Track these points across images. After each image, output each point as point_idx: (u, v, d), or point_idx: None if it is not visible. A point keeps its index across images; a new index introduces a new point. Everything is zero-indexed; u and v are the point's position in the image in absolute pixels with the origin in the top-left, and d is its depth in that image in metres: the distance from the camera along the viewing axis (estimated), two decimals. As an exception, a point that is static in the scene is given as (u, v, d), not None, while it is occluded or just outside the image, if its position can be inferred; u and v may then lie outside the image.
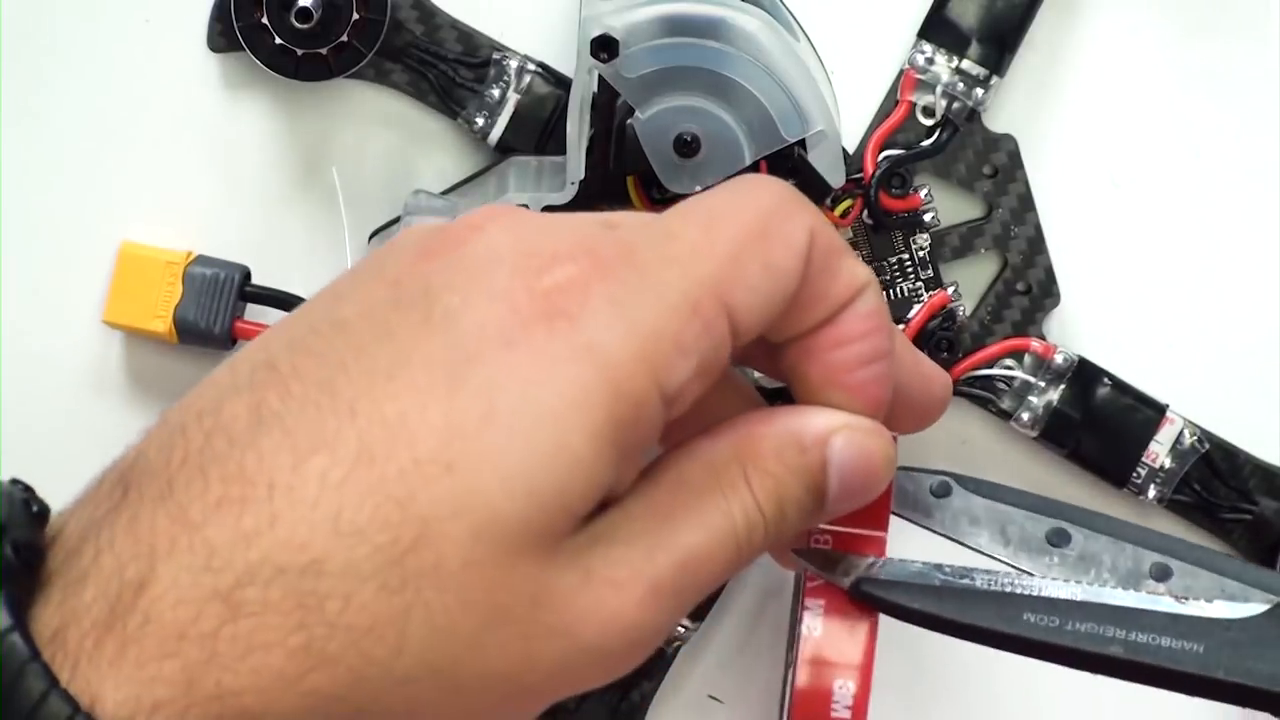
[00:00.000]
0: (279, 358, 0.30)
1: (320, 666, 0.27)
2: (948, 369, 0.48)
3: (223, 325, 0.47)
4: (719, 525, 0.31)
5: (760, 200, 0.32)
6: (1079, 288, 0.49)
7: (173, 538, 0.28)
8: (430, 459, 0.28)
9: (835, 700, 0.34)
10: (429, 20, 0.47)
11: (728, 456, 0.32)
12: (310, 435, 0.28)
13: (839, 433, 0.32)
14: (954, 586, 0.34)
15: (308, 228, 0.48)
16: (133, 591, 0.28)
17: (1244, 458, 0.49)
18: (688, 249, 0.31)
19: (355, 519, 0.28)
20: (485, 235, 0.30)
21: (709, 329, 0.30)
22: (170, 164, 0.48)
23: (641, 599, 0.30)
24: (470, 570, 0.28)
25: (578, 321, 0.29)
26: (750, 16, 0.43)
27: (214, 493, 0.28)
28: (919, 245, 0.48)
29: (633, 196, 0.47)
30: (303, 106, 0.48)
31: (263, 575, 0.27)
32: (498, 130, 0.47)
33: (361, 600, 0.27)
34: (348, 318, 0.30)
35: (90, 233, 0.48)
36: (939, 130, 0.47)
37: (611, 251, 0.30)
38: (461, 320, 0.29)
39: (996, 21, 0.47)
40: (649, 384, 0.29)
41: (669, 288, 0.30)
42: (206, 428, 0.29)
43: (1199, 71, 0.49)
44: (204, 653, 0.27)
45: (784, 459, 0.32)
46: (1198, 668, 0.32)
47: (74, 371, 0.49)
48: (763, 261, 0.31)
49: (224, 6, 0.46)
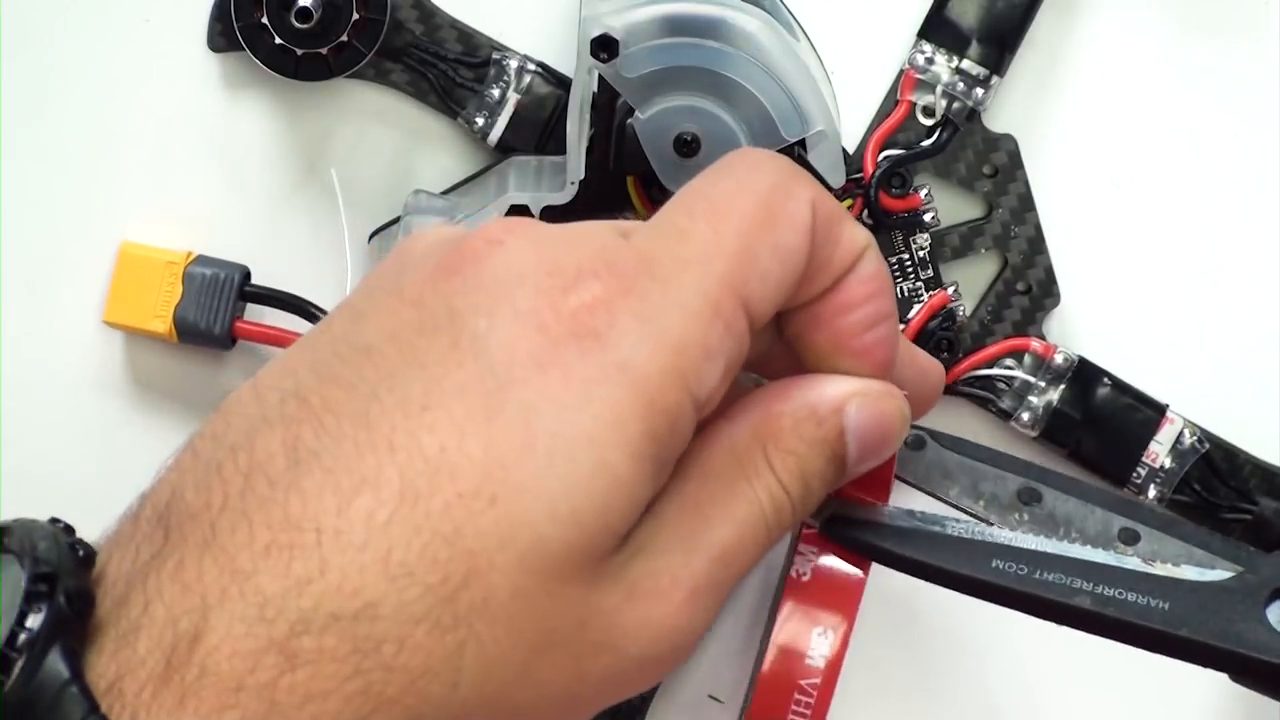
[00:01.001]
0: (308, 388, 0.29)
1: (379, 710, 0.28)
2: (948, 369, 0.48)
3: (223, 325, 0.47)
4: (748, 514, 0.31)
5: (760, 182, 0.32)
6: (1079, 288, 0.49)
7: (223, 587, 0.28)
8: (473, 492, 0.28)
9: (811, 650, 0.33)
10: (429, 20, 0.47)
11: (748, 440, 0.32)
12: (351, 474, 0.28)
13: (853, 399, 0.32)
14: (925, 531, 0.34)
15: (308, 228, 0.48)
16: (188, 643, 0.27)
17: (1244, 458, 0.49)
18: (700, 249, 0.31)
19: (405, 559, 0.28)
20: (505, 251, 0.30)
21: (731, 328, 0.30)
22: (170, 164, 0.48)
23: (682, 604, 0.30)
24: (519, 600, 0.28)
25: (607, 340, 0.29)
26: (750, 16, 0.43)
27: (260, 540, 0.28)
28: (919, 245, 0.48)
29: (633, 196, 0.47)
30: (303, 106, 0.48)
31: (317, 623, 0.27)
32: (498, 130, 0.47)
33: (416, 641, 0.28)
34: (373, 343, 0.30)
35: (90, 233, 0.48)
36: (939, 130, 0.47)
37: (631, 264, 0.30)
38: (490, 345, 0.29)
39: (996, 21, 0.47)
40: (682, 395, 0.30)
41: (690, 294, 0.30)
42: (244, 467, 0.29)
43: (1199, 71, 0.49)
44: (262, 703, 0.27)
45: (802, 434, 0.32)
46: (1163, 624, 0.32)
47: (74, 371, 0.49)
48: (772, 246, 0.31)
49: (224, 6, 0.46)
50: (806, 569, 0.34)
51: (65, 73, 0.48)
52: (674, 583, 0.30)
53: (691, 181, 0.32)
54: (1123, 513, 0.34)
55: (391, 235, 0.47)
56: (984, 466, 0.35)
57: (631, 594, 0.29)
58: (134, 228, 0.48)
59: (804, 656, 0.33)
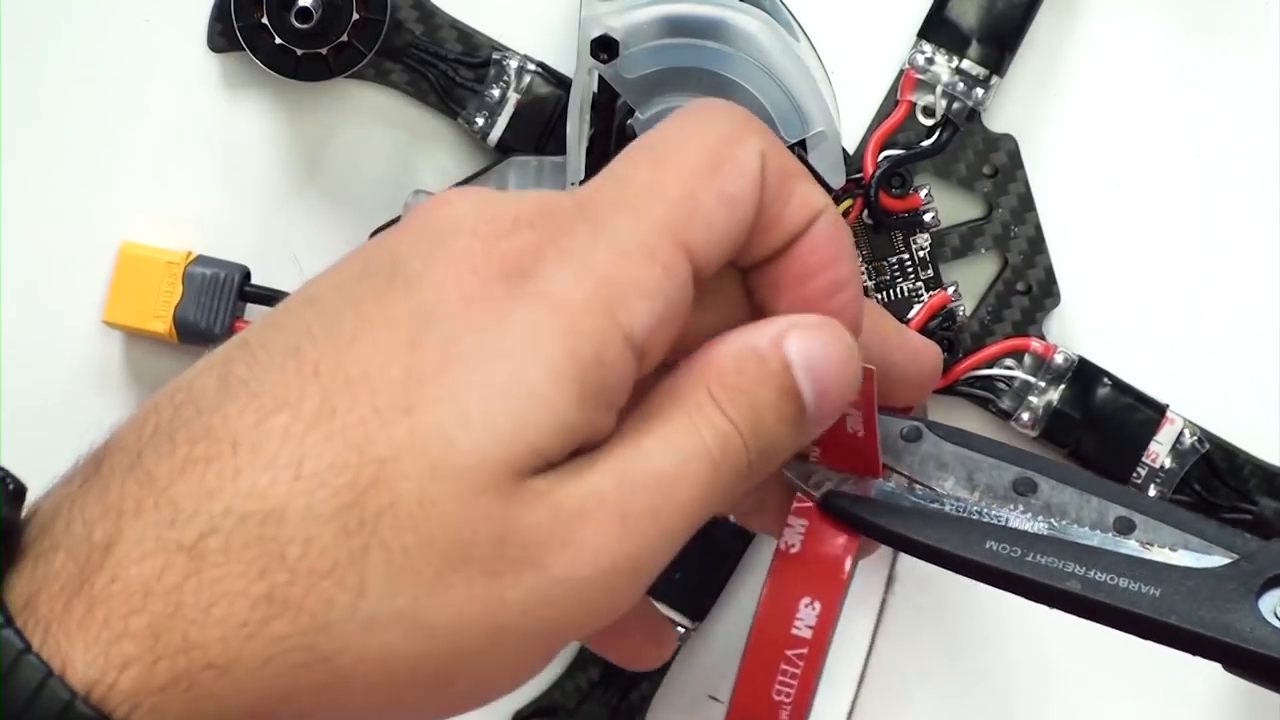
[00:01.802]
0: (250, 334, 0.30)
1: (283, 613, 0.28)
2: (948, 369, 0.48)
3: (223, 325, 0.47)
4: (687, 445, 0.31)
5: (708, 129, 0.32)
6: (1079, 288, 0.49)
7: (139, 500, 0.28)
8: (390, 405, 0.28)
9: (798, 618, 0.33)
10: (429, 20, 0.47)
11: (689, 380, 0.31)
12: (275, 397, 0.29)
13: (790, 333, 0.32)
14: (922, 509, 0.34)
15: (308, 228, 0.48)
16: (100, 552, 0.28)
17: (1244, 458, 0.49)
18: (638, 193, 0.31)
19: (315, 466, 0.28)
20: (451, 206, 0.31)
21: (669, 271, 0.30)
22: (170, 164, 0.48)
23: (610, 526, 0.29)
24: (428, 508, 0.28)
25: (531, 274, 0.29)
26: (750, 17, 0.43)
27: (180, 455, 0.28)
28: (919, 245, 0.48)
29: (633, 196, 0.47)
30: (303, 106, 0.48)
31: (225, 526, 0.28)
32: (498, 130, 0.47)
33: (321, 544, 0.28)
34: (316, 293, 0.31)
35: (90, 233, 0.48)
36: (939, 130, 0.47)
37: (567, 209, 0.30)
38: (423, 284, 0.29)
39: (996, 21, 0.47)
40: (607, 323, 0.29)
41: (623, 233, 0.30)
42: (177, 401, 0.30)
43: (1199, 71, 0.49)
44: (169, 606, 0.27)
45: (745, 371, 0.31)
46: (1151, 610, 0.32)
47: (74, 371, 0.49)
48: (717, 193, 0.31)
49: (224, 6, 0.46)
50: (795, 541, 0.34)
51: (65, 73, 0.48)
52: (601, 504, 0.29)
53: (650, 130, 0.32)
54: (1119, 501, 0.34)
55: (391, 235, 0.47)
56: (980, 457, 0.35)
57: (556, 513, 0.29)
58: (134, 228, 0.48)
59: (790, 627, 0.33)
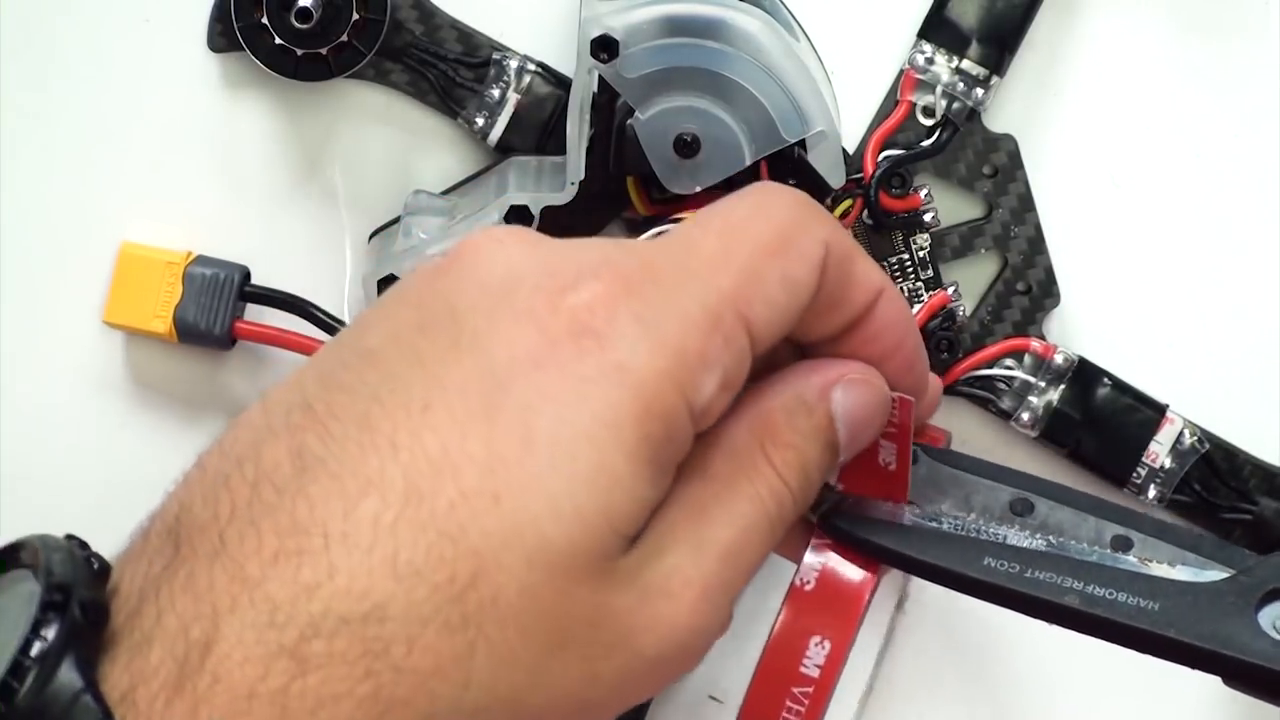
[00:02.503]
0: (313, 396, 0.30)
1: (390, 711, 0.28)
2: (948, 369, 0.48)
3: (223, 325, 0.47)
4: (751, 511, 0.32)
5: (777, 213, 0.32)
6: (1079, 288, 0.49)
7: (233, 596, 0.28)
8: (476, 491, 0.28)
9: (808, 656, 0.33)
10: (429, 20, 0.47)
11: (746, 439, 0.32)
12: (356, 477, 0.28)
13: (836, 385, 0.33)
14: (920, 528, 0.34)
15: (308, 228, 0.48)
16: (199, 652, 0.28)
17: (1244, 458, 0.49)
18: (706, 262, 0.31)
19: (412, 559, 0.28)
20: (505, 250, 0.30)
21: (730, 342, 0.31)
22: (170, 164, 0.48)
23: (694, 603, 0.30)
24: (527, 599, 0.28)
25: (605, 339, 0.29)
26: (750, 16, 0.43)
27: (269, 547, 0.28)
28: (919, 245, 0.48)
29: (633, 196, 0.46)
30: (303, 106, 0.48)
31: (327, 627, 0.28)
32: (498, 130, 0.47)
33: (425, 642, 0.28)
34: (375, 346, 0.30)
35: (90, 233, 0.48)
36: (939, 130, 0.47)
37: (633, 266, 0.30)
38: (489, 343, 0.29)
39: (996, 21, 0.47)
40: (678, 400, 0.30)
41: (691, 301, 0.30)
42: (250, 477, 0.29)
43: (1199, 71, 0.49)
44: (275, 709, 0.27)
45: (796, 425, 0.32)
46: (1150, 624, 0.32)
47: (74, 371, 0.49)
48: (780, 275, 0.31)
49: (224, 6, 0.46)
50: (811, 578, 0.34)
51: (65, 73, 0.48)
52: (685, 583, 0.30)
53: (711, 204, 0.33)
54: (1116, 520, 0.34)
55: (391, 235, 0.47)
56: (975, 479, 0.35)
57: (644, 595, 0.30)
58: (134, 228, 0.48)
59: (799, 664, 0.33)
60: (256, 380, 0.49)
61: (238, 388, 0.49)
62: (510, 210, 0.44)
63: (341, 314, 0.47)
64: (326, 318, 0.47)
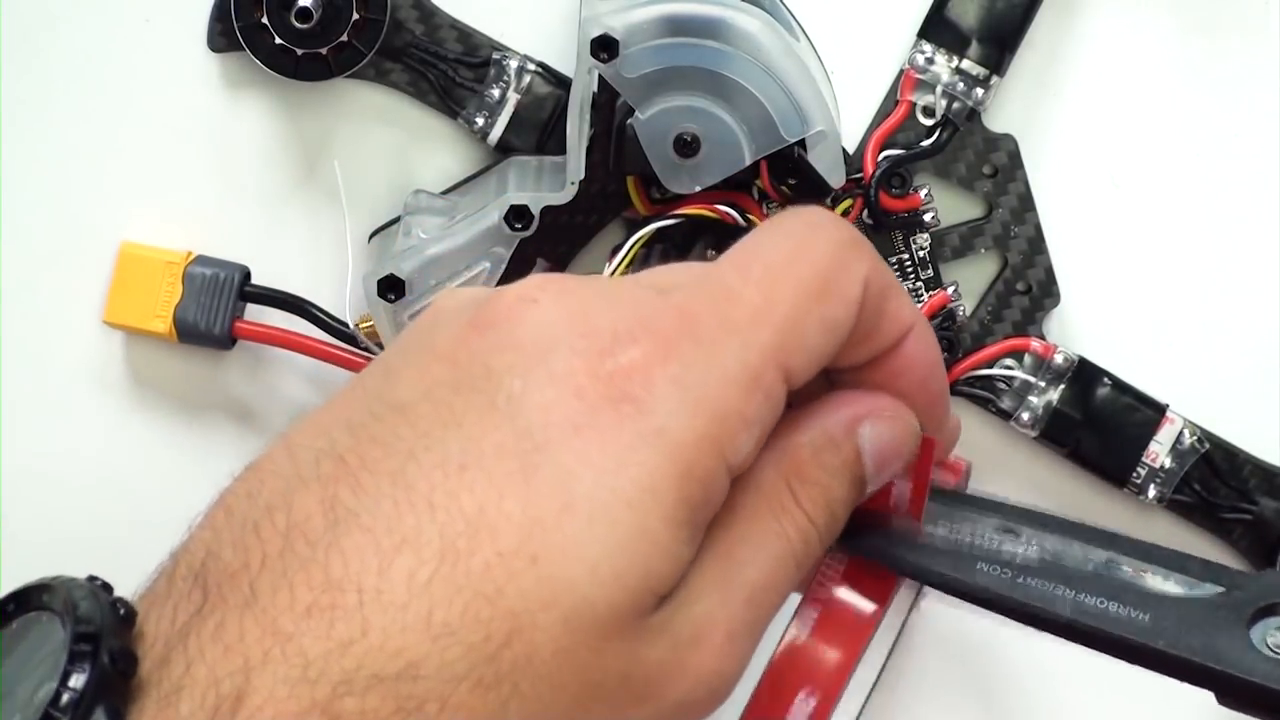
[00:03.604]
0: (344, 446, 0.30)
1: None
2: (948, 369, 0.48)
3: (223, 325, 0.47)
4: (777, 550, 0.31)
5: (818, 253, 0.32)
6: (1079, 288, 0.49)
7: (265, 649, 0.28)
8: (514, 551, 0.28)
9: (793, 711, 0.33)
10: (429, 20, 0.47)
11: (773, 479, 0.32)
12: (391, 533, 0.28)
13: (865, 421, 0.33)
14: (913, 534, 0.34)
15: (308, 228, 0.48)
16: (230, 704, 0.27)
17: (1244, 458, 0.49)
18: (748, 315, 0.31)
19: (447, 618, 0.28)
20: (540, 309, 0.30)
21: (770, 397, 0.31)
22: (170, 164, 0.48)
23: (721, 648, 0.30)
24: (562, 657, 0.28)
25: (644, 405, 0.29)
26: (750, 16, 0.43)
27: (302, 600, 0.28)
28: (919, 245, 0.48)
29: (633, 196, 0.47)
30: (303, 106, 0.48)
31: (360, 683, 0.27)
32: (498, 130, 0.47)
33: (459, 699, 0.28)
34: (408, 400, 0.30)
35: (90, 233, 0.48)
36: (939, 130, 0.47)
37: (671, 324, 0.30)
38: (526, 406, 0.29)
39: (996, 21, 0.47)
40: (717, 463, 0.30)
41: (732, 359, 0.30)
42: (281, 527, 0.29)
43: (1199, 70, 0.49)
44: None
45: (823, 463, 0.32)
46: (1140, 636, 0.32)
47: (74, 371, 0.49)
48: (820, 319, 0.31)
49: (224, 6, 0.46)
50: (804, 633, 0.34)
51: (65, 73, 0.48)
52: (712, 628, 0.30)
53: (748, 238, 0.32)
54: (1101, 545, 0.34)
55: (391, 235, 0.47)
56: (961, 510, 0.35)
57: (675, 645, 0.30)
58: (134, 228, 0.48)
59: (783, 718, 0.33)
60: (256, 380, 0.49)
61: (238, 388, 0.49)
62: (510, 210, 0.44)
63: (342, 314, 0.47)
64: (326, 318, 0.47)
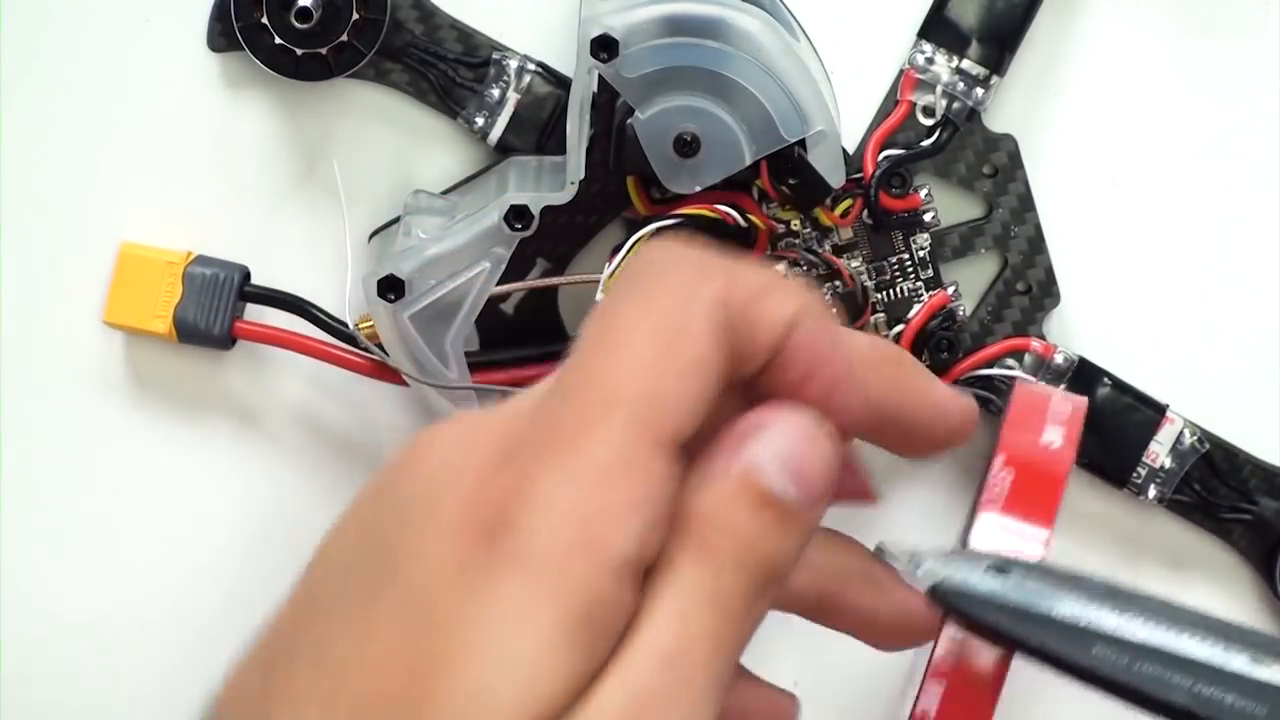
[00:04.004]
0: (275, 637, 0.30)
1: None
2: (948, 369, 0.48)
3: (223, 325, 0.47)
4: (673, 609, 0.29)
5: (655, 300, 0.30)
6: (1079, 288, 0.49)
7: None
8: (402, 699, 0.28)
9: None
10: (429, 20, 0.47)
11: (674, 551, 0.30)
12: None
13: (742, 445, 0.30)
14: (1030, 609, 0.33)
15: (308, 228, 0.48)
16: None
17: (1244, 458, 0.49)
18: (599, 404, 0.29)
19: None
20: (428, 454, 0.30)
21: (651, 474, 0.29)
22: (170, 164, 0.48)
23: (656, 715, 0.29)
24: None
25: (512, 528, 0.29)
26: (750, 16, 0.43)
27: None
28: (919, 245, 0.48)
29: (633, 196, 0.47)
30: (303, 106, 0.48)
31: None
32: (498, 130, 0.47)
33: None
34: (316, 595, 0.31)
35: (90, 233, 0.48)
36: (939, 130, 0.47)
37: (534, 436, 0.29)
38: (414, 569, 0.29)
39: (996, 21, 0.47)
40: (592, 569, 0.28)
41: (595, 455, 0.29)
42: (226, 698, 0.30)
43: (1199, 71, 0.49)
44: None
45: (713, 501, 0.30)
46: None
47: (74, 371, 0.49)
48: (677, 372, 0.29)
49: (224, 6, 0.46)
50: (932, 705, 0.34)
51: (65, 73, 0.48)
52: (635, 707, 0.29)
53: (596, 310, 0.31)
54: (1216, 633, 0.34)
55: (391, 235, 0.47)
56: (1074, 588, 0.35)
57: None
58: (134, 228, 0.48)
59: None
60: (256, 380, 0.49)
61: (238, 388, 0.49)
62: (510, 210, 0.44)
63: (341, 314, 0.47)
64: (326, 318, 0.47)
